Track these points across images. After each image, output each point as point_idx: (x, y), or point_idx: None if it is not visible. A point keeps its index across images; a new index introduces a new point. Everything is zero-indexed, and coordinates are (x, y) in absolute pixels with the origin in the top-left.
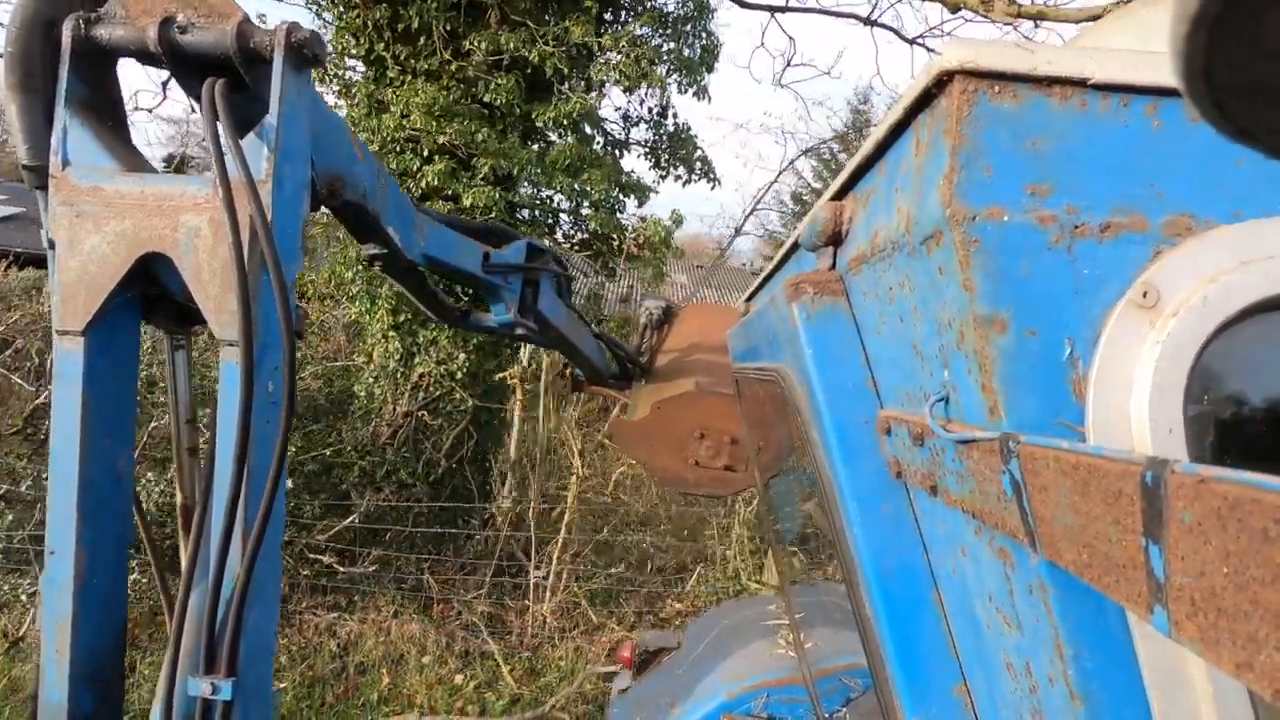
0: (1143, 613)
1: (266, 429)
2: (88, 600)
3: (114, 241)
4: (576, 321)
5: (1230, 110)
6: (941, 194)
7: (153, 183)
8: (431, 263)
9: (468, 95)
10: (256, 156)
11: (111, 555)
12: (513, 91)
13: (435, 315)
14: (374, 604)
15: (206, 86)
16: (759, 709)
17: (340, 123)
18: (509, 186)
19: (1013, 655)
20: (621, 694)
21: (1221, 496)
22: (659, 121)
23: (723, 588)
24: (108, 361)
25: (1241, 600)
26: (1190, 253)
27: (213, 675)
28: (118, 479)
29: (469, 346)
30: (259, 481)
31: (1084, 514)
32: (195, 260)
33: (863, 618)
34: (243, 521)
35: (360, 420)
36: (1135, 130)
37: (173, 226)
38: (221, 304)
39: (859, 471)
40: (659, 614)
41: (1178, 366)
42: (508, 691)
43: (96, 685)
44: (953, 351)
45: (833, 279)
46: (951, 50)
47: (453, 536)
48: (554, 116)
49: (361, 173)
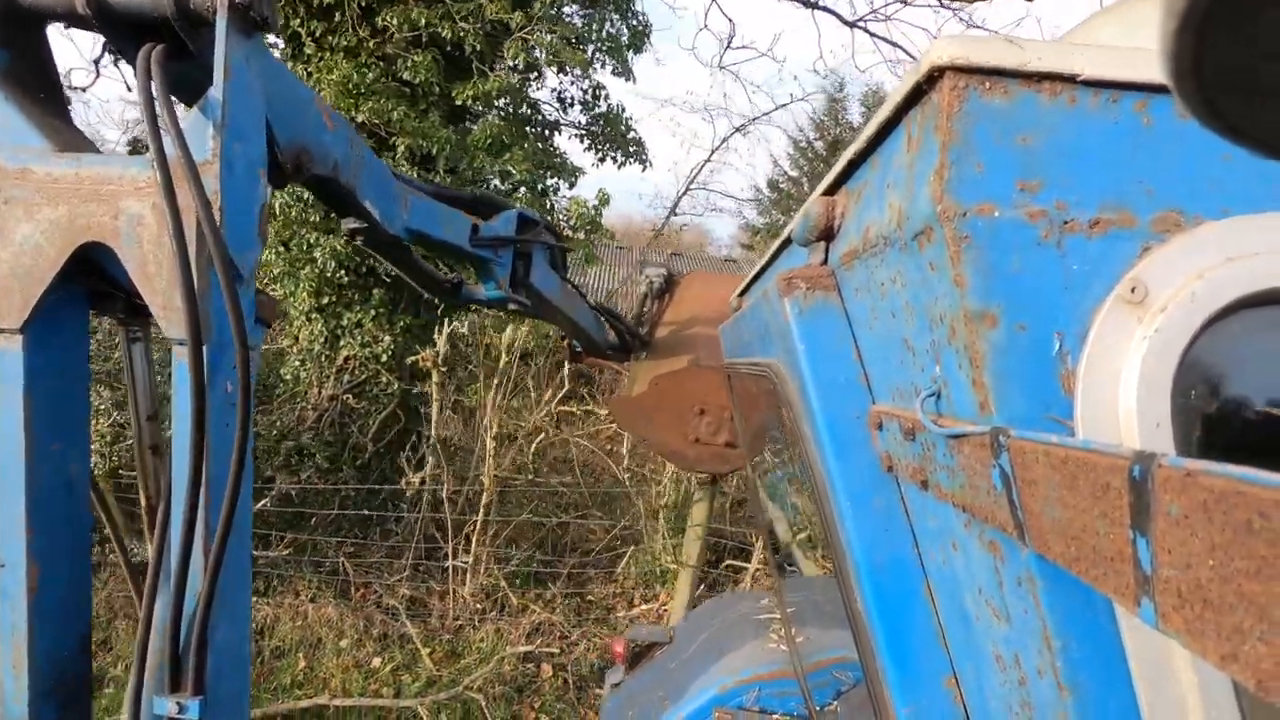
0: (1130, 605)
1: (225, 432)
2: (44, 612)
3: (48, 231)
4: (571, 294)
5: (1219, 107)
6: (933, 190)
7: (89, 164)
8: (415, 237)
9: (387, 73)
10: (204, 133)
11: (68, 564)
12: (431, 69)
13: (424, 289)
14: (292, 588)
15: (142, 54)
16: (751, 702)
17: (305, 90)
18: (429, 167)
19: (1002, 647)
20: (614, 688)
21: (1208, 490)
22: (591, 103)
23: (650, 570)
24: (51, 360)
25: (1226, 592)
26: (1178, 249)
27: (179, 694)
28: (70, 485)
29: (395, 330)
30: (218, 490)
31: (1072, 507)
32: (139, 251)
33: (854, 611)
34: (204, 533)
35: (286, 404)
36: (1125, 126)
37: (113, 214)
38: (170, 300)
39: (851, 466)
40: (585, 597)
41: (1165, 361)
42: (425, 674)
43: (59, 696)
44: (944, 346)
45: (825, 274)
46: (942, 47)
47: (382, 519)
48: (473, 95)
49: (331, 143)
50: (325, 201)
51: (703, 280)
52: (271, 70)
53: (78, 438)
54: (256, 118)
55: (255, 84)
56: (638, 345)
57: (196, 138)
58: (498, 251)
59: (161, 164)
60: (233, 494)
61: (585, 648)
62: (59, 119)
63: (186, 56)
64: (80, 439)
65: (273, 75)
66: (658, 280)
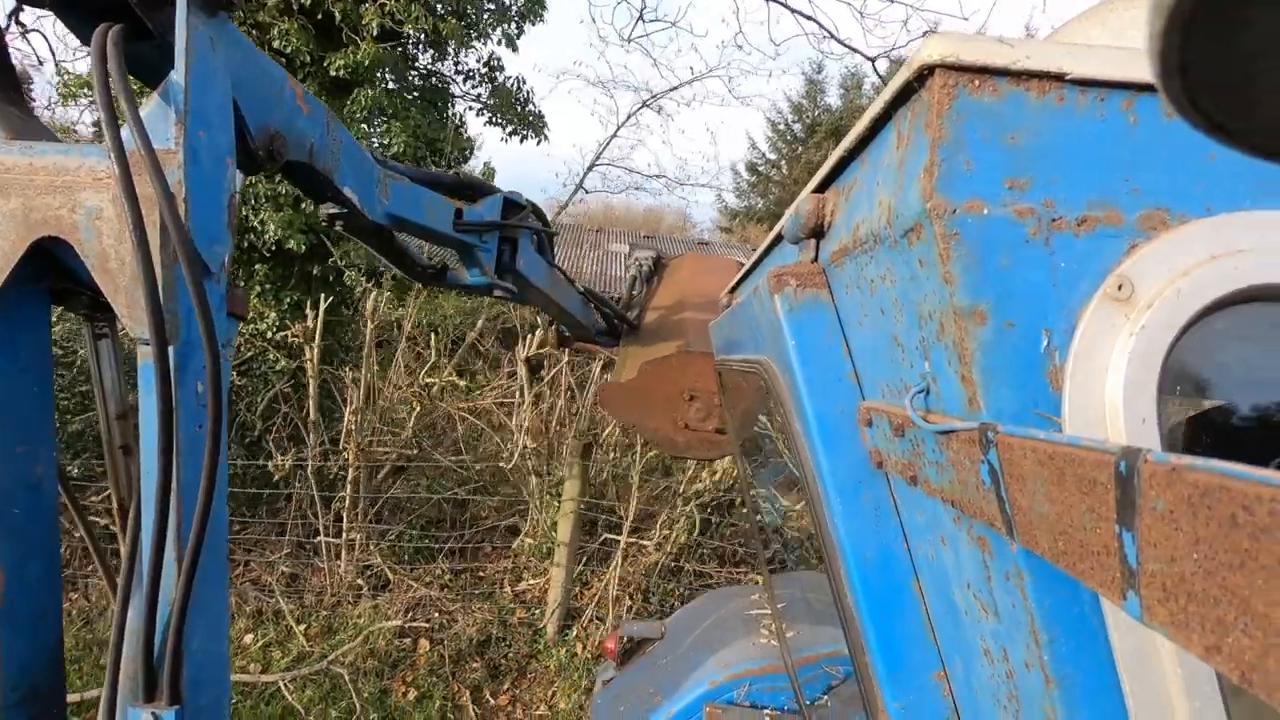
0: (1116, 598)
1: (197, 435)
2: (14, 621)
3: (1, 224)
4: (559, 279)
5: (1205, 106)
6: (922, 187)
7: (43, 153)
8: (397, 222)
9: (261, 43)
10: (165, 120)
11: (37, 569)
12: (301, 37)
13: (406, 274)
14: None
15: (97, 34)
16: (741, 697)
17: (278, 72)
18: None
19: (990, 641)
20: (606, 684)
21: (1192, 485)
22: (484, 77)
23: (534, 546)
24: (10, 359)
25: (1210, 585)
26: (1164, 246)
27: (154, 704)
28: (37, 486)
29: (282, 306)
30: (191, 494)
31: (1060, 502)
32: (99, 246)
33: (844, 605)
34: (176, 538)
35: None
36: (1112, 125)
37: (70, 206)
38: (134, 298)
39: (840, 462)
40: (477, 573)
41: (1151, 358)
42: (297, 649)
43: (31, 705)
44: (933, 343)
45: (815, 271)
46: (932, 45)
47: (273, 498)
48: (345, 64)
49: (306, 128)
50: (301, 187)
51: (693, 261)
52: (240, 51)
53: (42, 437)
54: (223, 102)
55: (220, 66)
56: (626, 330)
57: (157, 125)
58: (483, 237)
59: (119, 153)
60: (206, 497)
61: (465, 622)
62: (12, 105)
63: (147, 37)
64: (45, 438)
65: (241, 56)
66: (646, 263)
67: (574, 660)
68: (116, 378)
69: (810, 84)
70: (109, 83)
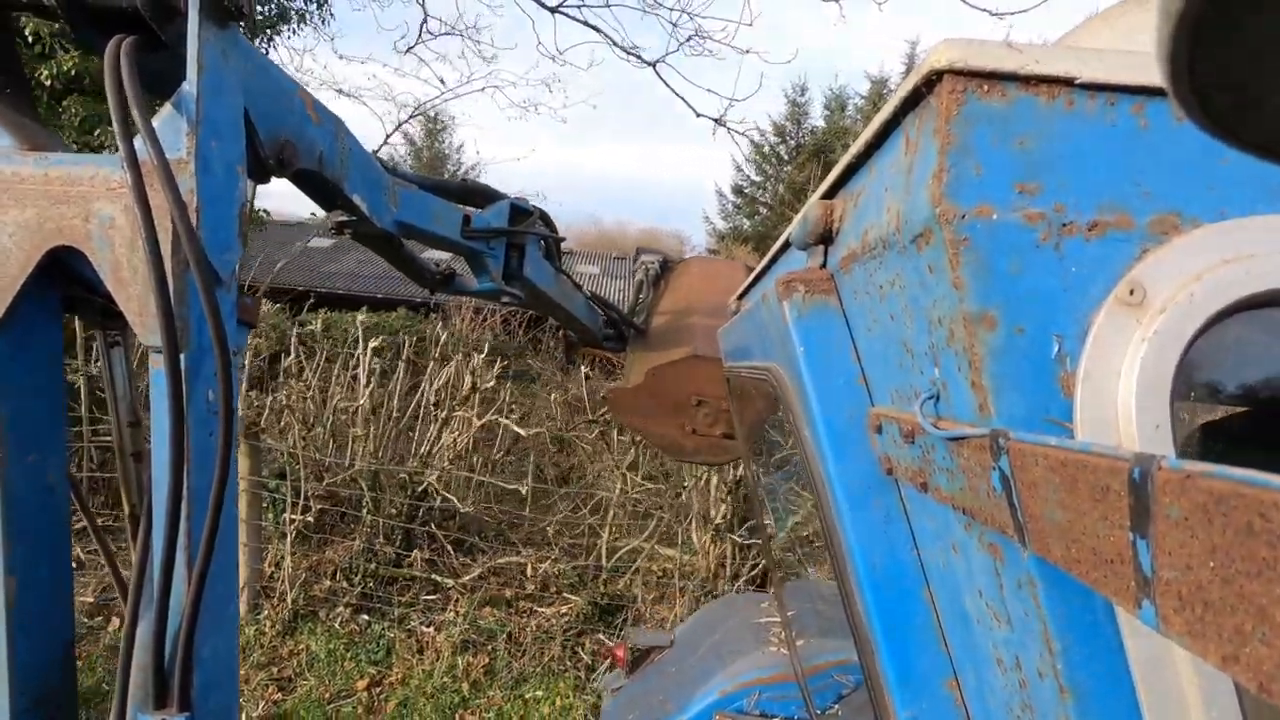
0: (1130, 607)
1: (208, 442)
2: (24, 624)
3: (15, 234)
4: (566, 285)
5: (1215, 109)
6: (931, 193)
7: (58, 164)
8: (405, 229)
9: None
10: (178, 130)
11: (48, 572)
12: None
13: (415, 280)
14: None
15: (110, 46)
16: (751, 706)
17: (288, 81)
18: None
19: (1002, 650)
20: (614, 693)
21: (1207, 491)
22: None
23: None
24: (23, 367)
25: (1227, 594)
26: (1176, 251)
27: (164, 710)
28: (50, 491)
29: None
30: (201, 501)
31: (1072, 510)
32: (112, 255)
33: (854, 613)
34: (187, 545)
35: None
36: (1122, 129)
37: (84, 216)
38: (146, 306)
39: (850, 469)
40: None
41: (1164, 363)
42: None
43: (44, 707)
44: (942, 349)
45: (824, 277)
46: (941, 50)
47: None
48: (51, 75)
49: (317, 137)
50: (310, 195)
51: (700, 265)
52: (251, 61)
53: (54, 444)
54: (234, 112)
55: (232, 76)
56: (634, 335)
57: (170, 135)
58: (490, 243)
59: (132, 164)
60: (216, 504)
61: None
62: (25, 115)
63: (160, 49)
64: (57, 445)
65: (252, 66)
66: (653, 266)
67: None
68: (128, 385)
69: (794, 106)
70: (123, 94)
